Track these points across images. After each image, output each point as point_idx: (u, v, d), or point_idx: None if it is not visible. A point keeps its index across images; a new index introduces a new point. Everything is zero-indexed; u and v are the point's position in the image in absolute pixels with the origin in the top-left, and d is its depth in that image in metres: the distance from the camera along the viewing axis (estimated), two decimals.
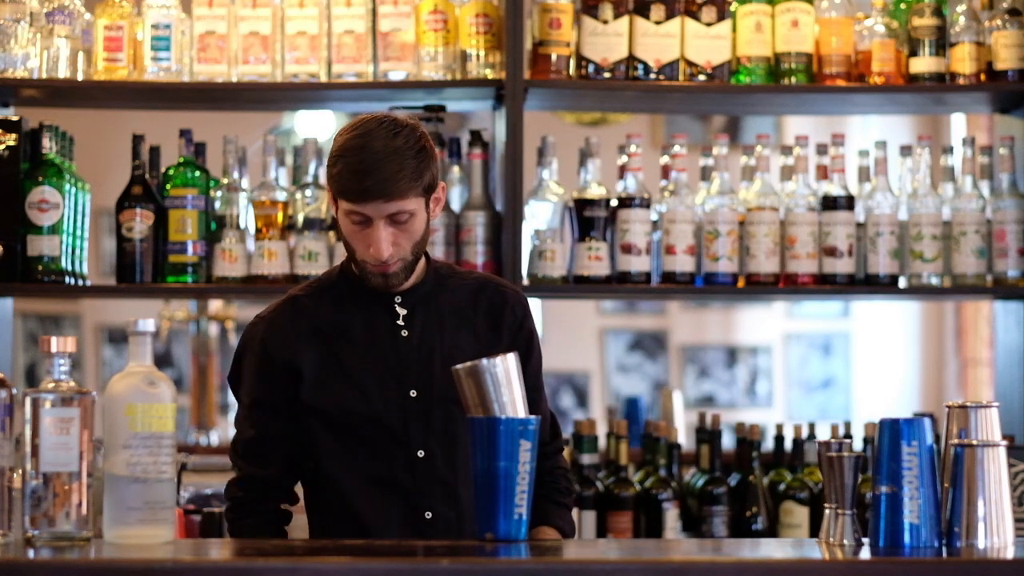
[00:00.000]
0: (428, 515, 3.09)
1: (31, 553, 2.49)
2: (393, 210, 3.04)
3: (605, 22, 4.35)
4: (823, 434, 4.34)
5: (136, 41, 4.31)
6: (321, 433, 3.14)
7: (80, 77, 4.29)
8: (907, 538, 2.61)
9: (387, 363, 3.12)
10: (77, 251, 4.33)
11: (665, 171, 4.44)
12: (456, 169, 4.42)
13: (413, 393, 3.11)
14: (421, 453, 3.10)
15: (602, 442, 4.43)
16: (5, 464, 2.58)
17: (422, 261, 3.19)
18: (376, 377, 3.12)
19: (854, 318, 9.60)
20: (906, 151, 4.48)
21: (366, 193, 3.02)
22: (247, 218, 4.35)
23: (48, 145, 4.24)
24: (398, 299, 3.16)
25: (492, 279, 3.32)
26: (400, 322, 3.15)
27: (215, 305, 7.58)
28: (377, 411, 3.11)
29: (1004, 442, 2.68)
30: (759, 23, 4.40)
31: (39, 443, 2.55)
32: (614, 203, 4.35)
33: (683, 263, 4.35)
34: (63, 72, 4.27)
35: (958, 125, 7.98)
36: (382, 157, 3.02)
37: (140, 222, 4.26)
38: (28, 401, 2.57)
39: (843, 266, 4.37)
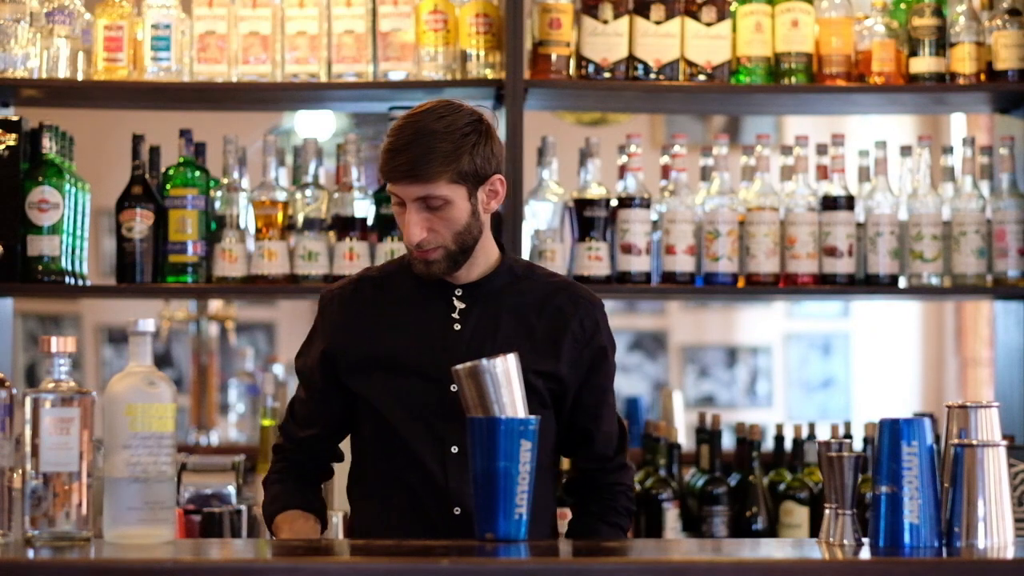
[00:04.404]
0: (457, 511, 3.02)
1: (31, 553, 2.49)
2: (420, 193, 2.96)
3: (605, 22, 4.35)
4: (823, 434, 4.33)
5: (136, 41, 4.31)
6: (359, 414, 3.11)
7: (80, 77, 4.29)
8: (907, 538, 2.61)
9: (433, 355, 3.03)
10: (77, 251, 4.33)
11: (665, 171, 4.44)
12: None
13: (454, 388, 2.90)
14: (455, 449, 3.02)
15: None
16: (5, 464, 2.58)
17: (495, 255, 3.11)
18: (418, 368, 3.05)
19: (854, 318, 9.59)
20: (906, 151, 4.48)
21: (393, 173, 2.97)
22: (247, 218, 4.35)
23: (48, 145, 4.24)
24: (458, 291, 3.08)
25: (572, 285, 3.18)
26: (455, 315, 3.07)
27: (215, 305, 7.56)
28: (415, 402, 3.04)
29: (1004, 442, 2.68)
30: (759, 23, 4.40)
31: (39, 443, 2.55)
32: (614, 203, 4.35)
33: (683, 263, 4.35)
34: (63, 72, 4.27)
35: (958, 125, 7.97)
36: (414, 139, 2.96)
37: (140, 222, 4.26)
38: (28, 401, 2.57)
39: (843, 266, 4.37)
